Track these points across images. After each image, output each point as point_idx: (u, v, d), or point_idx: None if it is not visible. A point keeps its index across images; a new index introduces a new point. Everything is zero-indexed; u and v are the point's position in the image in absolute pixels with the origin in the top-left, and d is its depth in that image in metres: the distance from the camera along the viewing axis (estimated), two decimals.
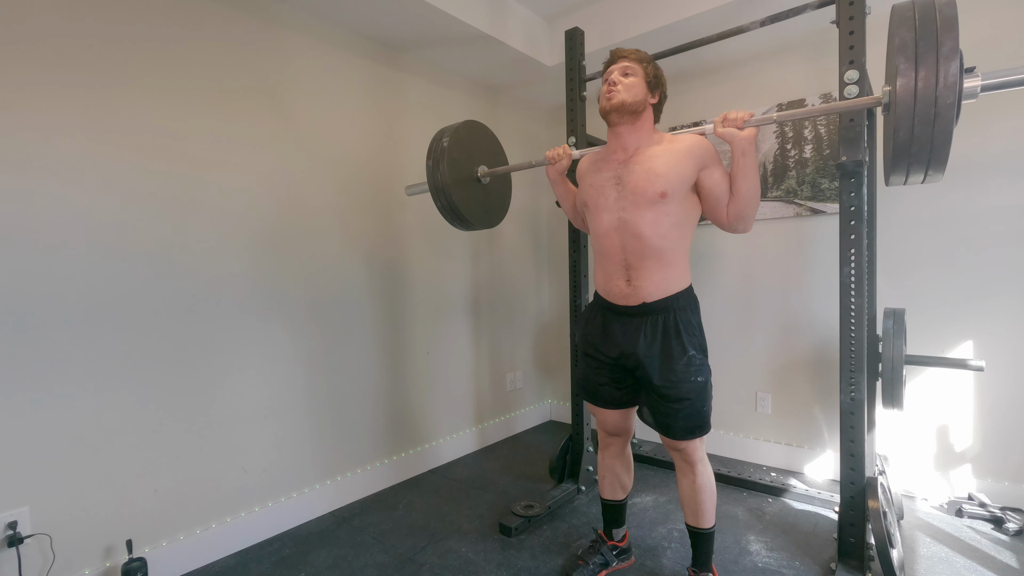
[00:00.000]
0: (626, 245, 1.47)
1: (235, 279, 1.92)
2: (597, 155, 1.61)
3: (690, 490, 1.56)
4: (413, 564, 1.82)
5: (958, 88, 0.97)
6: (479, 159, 1.95)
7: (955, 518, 2.04)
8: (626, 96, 1.44)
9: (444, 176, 1.79)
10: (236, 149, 1.93)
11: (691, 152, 1.43)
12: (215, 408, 1.87)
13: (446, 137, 1.82)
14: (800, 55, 2.46)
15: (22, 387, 1.48)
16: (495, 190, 2.02)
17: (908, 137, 1.01)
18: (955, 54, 0.96)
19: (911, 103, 0.99)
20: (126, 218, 1.66)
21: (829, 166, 2.39)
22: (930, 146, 1.01)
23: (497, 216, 2.04)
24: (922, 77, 0.98)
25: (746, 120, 1.36)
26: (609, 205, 1.49)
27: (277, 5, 2.05)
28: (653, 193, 1.42)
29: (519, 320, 3.27)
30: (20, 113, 1.47)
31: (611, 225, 1.49)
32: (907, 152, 1.03)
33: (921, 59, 0.99)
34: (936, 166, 1.05)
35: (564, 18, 2.67)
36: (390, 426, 2.49)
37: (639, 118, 1.47)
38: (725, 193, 1.44)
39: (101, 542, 1.62)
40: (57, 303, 1.54)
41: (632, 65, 1.47)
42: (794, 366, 2.53)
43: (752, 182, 1.39)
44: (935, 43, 0.98)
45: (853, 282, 1.61)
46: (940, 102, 0.97)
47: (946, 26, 0.99)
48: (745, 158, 1.37)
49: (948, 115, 0.98)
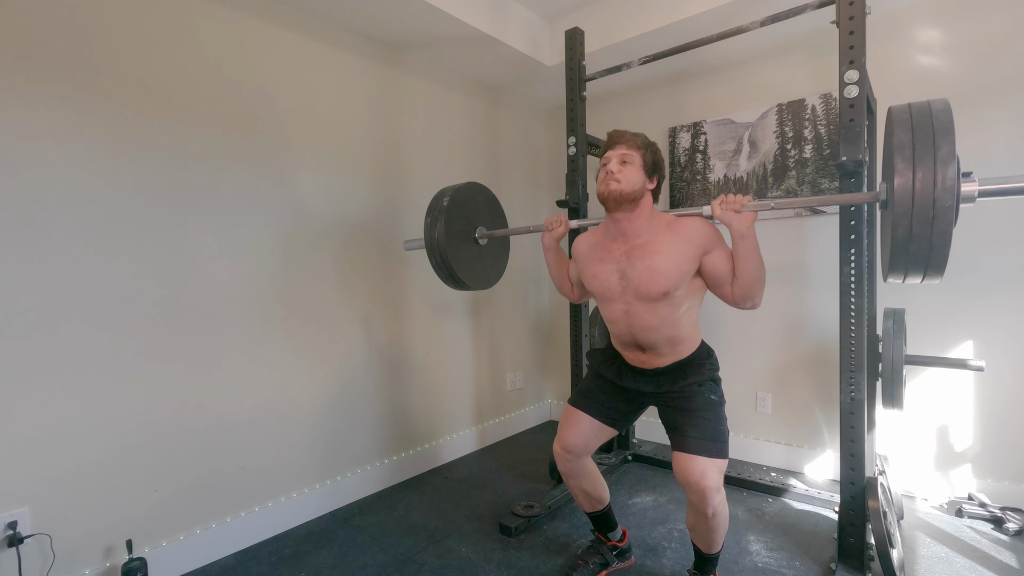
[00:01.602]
0: (635, 331, 1.51)
1: (233, 278, 1.93)
2: (595, 238, 1.59)
3: (703, 527, 1.45)
4: (413, 564, 1.82)
5: (956, 192, 0.98)
6: (479, 220, 1.92)
7: (955, 518, 2.04)
8: (624, 186, 1.41)
9: (441, 238, 1.76)
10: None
11: (690, 240, 1.42)
12: (215, 408, 1.87)
13: (446, 197, 1.80)
14: (800, 55, 2.47)
15: (22, 387, 1.48)
16: (492, 252, 1.98)
17: (906, 236, 1.01)
18: (952, 159, 0.97)
19: (909, 203, 0.99)
20: (125, 223, 1.67)
21: (829, 166, 2.39)
22: (929, 247, 1.01)
23: (493, 277, 1.99)
24: (920, 178, 0.99)
25: (744, 204, 1.35)
26: (615, 296, 1.52)
27: (276, 5, 2.05)
28: (656, 292, 1.43)
29: (519, 320, 3.27)
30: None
31: (620, 313, 1.52)
32: (905, 252, 1.02)
33: (919, 161, 0.99)
34: (935, 268, 1.04)
35: (564, 18, 2.67)
36: (390, 426, 2.49)
37: (637, 205, 1.44)
38: (728, 274, 1.43)
39: (101, 542, 1.62)
40: (58, 306, 1.54)
41: (630, 152, 1.44)
42: (794, 366, 2.53)
43: (753, 265, 1.37)
44: (932, 147, 0.99)
45: (853, 282, 1.61)
46: (938, 204, 0.97)
47: (943, 131, 0.99)
48: (744, 241, 1.36)
49: (947, 218, 0.98)
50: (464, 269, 1.83)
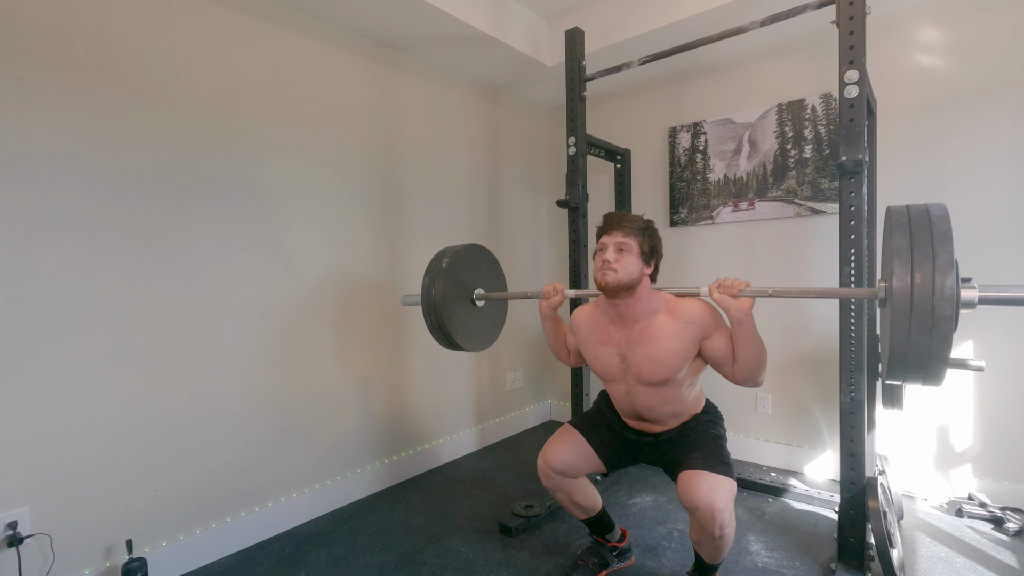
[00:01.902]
0: (638, 408, 1.56)
1: (233, 278, 1.93)
2: (595, 316, 1.59)
3: (710, 545, 1.41)
4: (413, 564, 1.82)
5: (956, 299, 0.97)
6: (478, 281, 1.91)
7: (955, 518, 2.04)
8: (621, 276, 1.41)
9: (438, 299, 1.74)
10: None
11: (689, 327, 1.43)
12: (216, 409, 1.87)
13: (446, 258, 1.79)
14: (800, 55, 2.47)
15: (22, 387, 1.48)
16: (489, 314, 1.96)
17: (905, 341, 1.00)
18: (951, 267, 0.96)
19: (907, 308, 0.98)
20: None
21: (829, 166, 2.39)
22: (928, 355, 0.99)
23: (488, 339, 1.97)
24: (918, 285, 0.98)
25: (741, 289, 1.33)
26: (616, 378, 1.55)
27: (277, 6, 2.05)
28: (657, 379, 1.47)
29: (519, 320, 3.27)
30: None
31: (622, 392, 1.57)
32: (904, 357, 1.01)
33: (917, 266, 0.99)
34: (933, 376, 1.03)
35: (564, 18, 2.67)
36: (390, 426, 2.49)
37: (635, 291, 1.44)
38: (729, 356, 1.43)
39: (101, 542, 1.62)
40: (58, 306, 1.54)
41: (627, 240, 1.42)
42: (794, 366, 2.53)
43: (752, 351, 1.37)
44: (931, 254, 0.98)
45: (853, 282, 1.61)
46: (937, 312, 0.96)
47: (941, 238, 0.99)
48: (742, 327, 1.36)
49: (946, 326, 0.96)
50: (459, 331, 1.81)
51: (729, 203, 2.68)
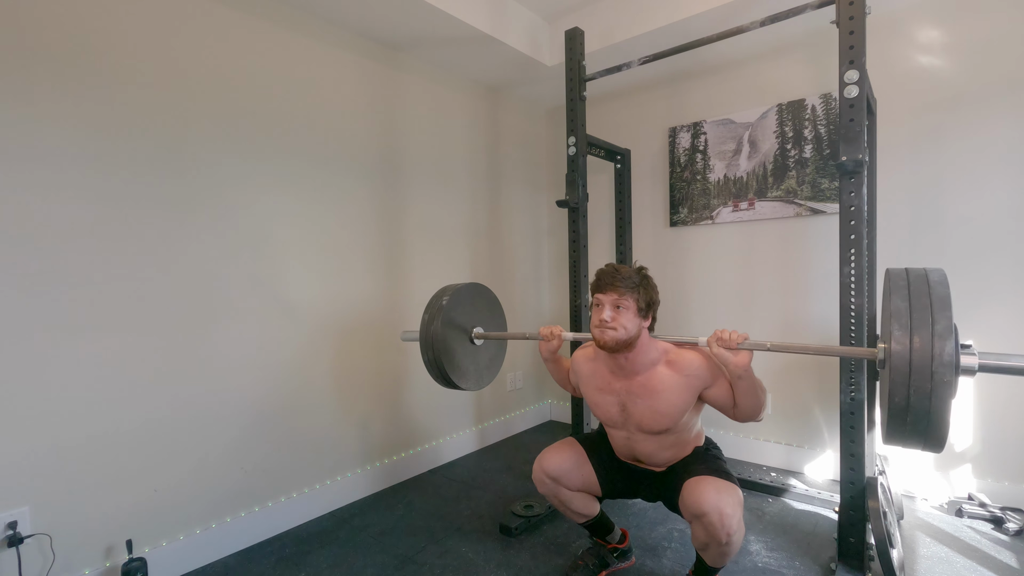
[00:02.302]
0: (637, 453, 1.59)
1: (235, 276, 1.93)
2: (595, 364, 1.60)
3: (716, 552, 1.38)
4: (413, 564, 1.82)
5: (955, 365, 0.96)
6: (477, 320, 1.91)
7: (955, 518, 2.04)
8: (620, 335, 1.41)
9: (437, 337, 1.74)
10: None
11: (689, 379, 1.45)
12: (216, 409, 1.87)
13: (446, 296, 1.79)
14: (800, 55, 2.47)
15: (22, 387, 1.48)
16: (487, 352, 1.96)
17: (903, 406, 0.99)
18: (950, 333, 0.95)
19: (906, 372, 0.98)
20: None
21: (829, 166, 2.39)
22: (927, 420, 0.98)
23: (486, 378, 1.97)
24: (916, 349, 0.97)
25: (739, 343, 1.33)
26: (617, 425, 1.58)
27: (277, 5, 2.05)
28: (657, 429, 1.49)
29: (519, 320, 3.27)
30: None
31: (622, 438, 1.59)
32: (903, 421, 1.00)
33: (916, 331, 0.98)
34: (933, 442, 1.02)
35: (564, 18, 2.67)
36: (390, 426, 2.49)
37: (634, 346, 1.45)
38: (730, 401, 1.45)
39: (101, 542, 1.62)
40: (58, 305, 1.54)
41: (623, 300, 1.42)
42: (794, 366, 2.53)
43: (752, 399, 1.39)
44: (930, 320, 0.97)
45: (853, 282, 1.61)
46: (936, 378, 0.95)
47: (940, 305, 0.98)
48: (741, 382, 1.37)
49: (945, 392, 0.96)
50: (456, 370, 1.80)
51: (729, 203, 2.68)
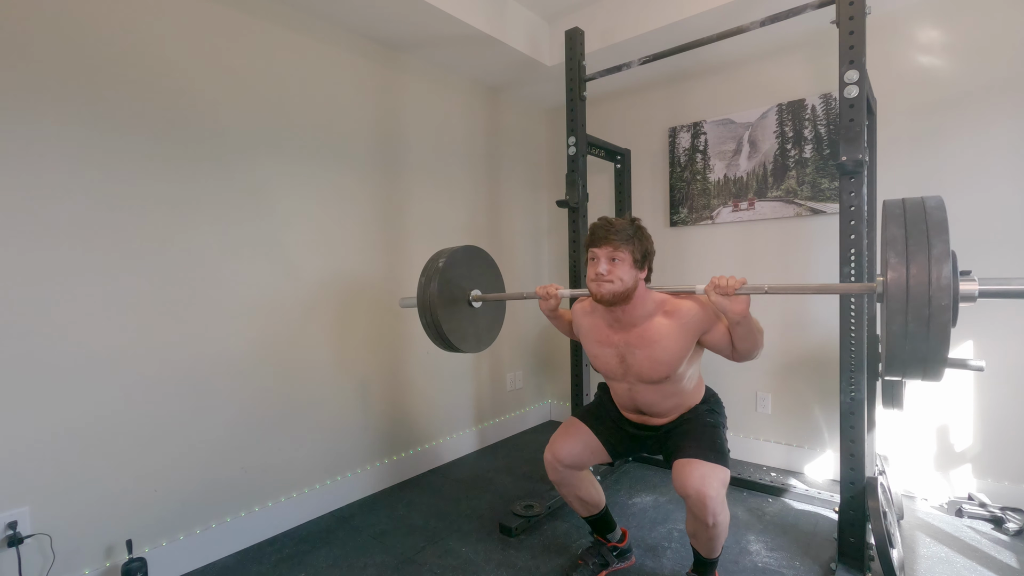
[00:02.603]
0: (639, 404, 1.58)
1: (234, 282, 1.93)
2: (593, 317, 1.59)
3: (704, 535, 1.43)
4: (413, 564, 1.82)
5: (952, 291, 0.96)
6: (474, 283, 1.90)
7: (955, 518, 2.04)
8: (617, 287, 1.41)
9: (434, 299, 1.74)
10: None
11: (688, 327, 1.45)
12: (216, 409, 1.87)
13: (442, 259, 1.78)
14: (800, 55, 2.46)
15: (22, 388, 1.48)
16: (487, 314, 1.96)
17: (902, 334, 0.98)
18: (947, 257, 0.95)
19: (903, 299, 0.97)
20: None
21: (829, 166, 2.39)
22: (925, 346, 0.98)
23: (486, 341, 1.96)
24: (913, 275, 0.97)
25: (736, 289, 1.32)
26: (618, 377, 1.58)
27: (278, 6, 2.05)
28: (657, 377, 1.49)
29: (519, 320, 3.27)
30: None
31: (624, 389, 1.59)
32: (902, 349, 1.00)
33: (912, 258, 0.97)
34: (933, 371, 1.02)
35: (564, 18, 2.67)
36: (390, 426, 2.49)
37: (631, 298, 1.45)
38: (727, 345, 1.45)
39: (101, 542, 1.62)
40: (59, 308, 1.54)
41: (618, 252, 1.41)
42: (794, 366, 2.53)
43: (750, 342, 1.40)
44: (926, 245, 0.97)
45: (853, 281, 1.61)
46: (934, 303, 0.95)
47: (937, 229, 0.97)
48: (739, 327, 1.37)
49: (943, 318, 0.95)
50: (455, 332, 1.80)
51: (729, 203, 2.68)
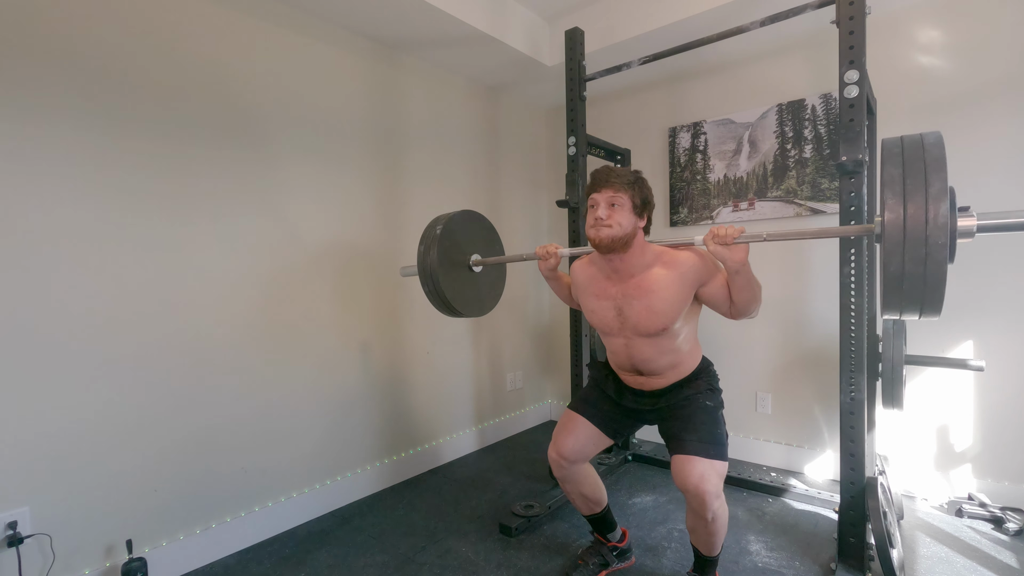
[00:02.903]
0: (635, 361, 1.54)
1: (235, 287, 1.93)
2: (591, 270, 1.58)
3: (703, 531, 1.44)
4: (413, 564, 1.82)
5: (950, 228, 0.95)
6: (473, 247, 1.90)
7: (955, 518, 2.04)
8: (615, 231, 1.39)
9: (434, 265, 1.74)
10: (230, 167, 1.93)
11: (685, 277, 1.43)
12: (215, 408, 1.87)
13: (439, 225, 1.79)
14: (800, 55, 2.46)
15: (22, 388, 1.48)
16: (488, 279, 1.96)
17: (899, 272, 0.98)
18: (944, 195, 0.94)
19: (900, 239, 0.97)
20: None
21: (829, 166, 2.39)
22: (923, 285, 0.97)
23: (489, 304, 1.97)
24: (911, 215, 0.96)
25: (735, 237, 1.32)
26: (614, 331, 1.54)
27: (277, 5, 2.05)
28: (654, 329, 1.46)
29: (519, 320, 3.27)
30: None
31: (620, 345, 1.55)
32: (899, 288, 0.99)
33: (909, 196, 0.97)
34: (930, 308, 1.01)
35: (564, 18, 2.67)
36: (390, 426, 2.49)
37: (630, 246, 1.43)
38: (726, 299, 1.43)
39: (101, 542, 1.62)
40: (59, 308, 1.54)
41: (618, 195, 1.40)
42: (794, 366, 2.53)
43: (749, 294, 1.38)
44: (924, 182, 0.96)
45: (853, 282, 1.61)
46: (931, 241, 0.94)
47: (935, 166, 0.97)
48: (739, 276, 1.35)
49: (940, 255, 0.94)
50: (457, 296, 1.81)
51: (729, 203, 2.68)
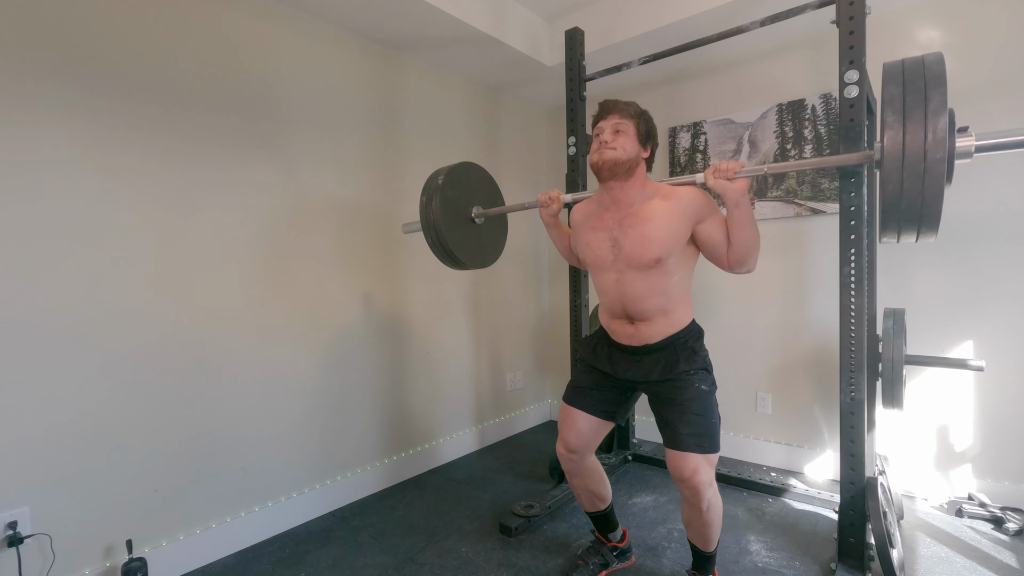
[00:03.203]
0: (626, 301, 1.49)
1: (235, 284, 1.93)
2: (590, 208, 1.58)
3: (698, 521, 1.46)
4: (413, 564, 1.82)
5: (948, 146, 0.95)
6: (474, 199, 1.92)
7: (955, 518, 2.04)
8: (619, 154, 1.40)
9: (436, 215, 1.77)
10: (233, 157, 1.93)
11: (684, 210, 1.41)
12: (214, 408, 1.87)
13: (441, 175, 1.80)
14: (800, 55, 2.46)
15: (22, 388, 1.48)
16: (490, 230, 1.98)
17: (897, 192, 0.98)
18: (943, 110, 0.94)
19: (899, 156, 0.97)
20: (123, 238, 1.67)
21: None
22: (920, 203, 0.97)
23: (491, 256, 1.99)
24: (911, 131, 0.96)
25: (736, 171, 1.33)
26: (607, 265, 1.51)
27: (277, 5, 2.05)
28: (649, 259, 1.42)
29: (519, 320, 3.27)
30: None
31: (612, 282, 1.51)
32: (896, 208, 0.99)
33: (909, 114, 0.97)
34: (928, 225, 1.00)
35: (564, 18, 2.67)
36: (390, 426, 2.49)
37: (632, 174, 1.43)
38: (723, 242, 1.42)
39: (101, 542, 1.62)
40: (58, 307, 1.54)
41: (623, 121, 1.42)
42: (794, 366, 2.53)
43: (748, 232, 1.37)
44: (923, 99, 0.96)
45: (853, 282, 1.61)
46: (929, 158, 0.94)
47: (934, 82, 0.97)
48: (739, 209, 1.35)
49: (938, 171, 0.94)
50: (460, 247, 1.84)
51: None
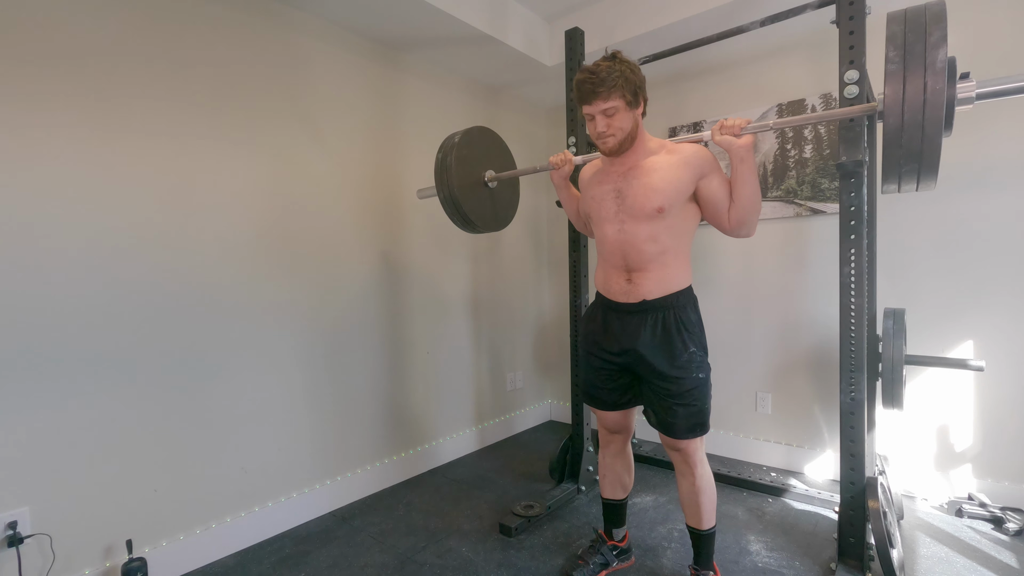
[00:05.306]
0: (627, 253, 1.50)
1: (234, 282, 1.92)
2: (598, 165, 1.62)
3: (690, 492, 1.57)
4: (413, 564, 1.82)
5: (947, 91, 0.96)
6: (487, 164, 1.99)
7: (955, 518, 2.04)
8: (620, 136, 1.43)
9: (452, 180, 1.84)
10: (239, 153, 1.93)
11: (688, 163, 1.43)
12: (214, 408, 1.87)
13: (457, 135, 1.88)
14: (800, 55, 2.46)
15: (22, 388, 1.48)
16: (502, 194, 2.06)
17: (897, 138, 1.00)
18: (943, 43, 0.95)
19: (899, 100, 0.98)
20: (125, 222, 1.66)
21: (829, 166, 2.39)
22: (920, 147, 0.99)
23: (504, 220, 2.08)
24: (912, 71, 0.97)
25: (743, 127, 1.36)
26: (610, 217, 1.52)
27: (277, 5, 2.05)
28: (651, 208, 1.44)
29: (519, 320, 3.27)
30: (21, 116, 1.47)
31: (612, 235, 1.52)
32: (896, 154, 1.01)
33: (910, 52, 0.98)
34: (927, 172, 1.02)
35: (564, 18, 2.67)
36: (390, 426, 2.49)
37: (635, 137, 1.47)
38: (725, 200, 1.44)
39: (101, 542, 1.62)
40: (57, 306, 1.54)
41: (609, 102, 1.38)
42: (794, 366, 2.53)
43: (751, 188, 1.39)
44: (923, 34, 0.98)
45: (853, 282, 1.61)
46: (929, 89, 0.95)
47: (934, 20, 0.99)
48: (743, 165, 1.38)
49: (937, 115, 0.95)
50: (474, 210, 1.92)
51: None
